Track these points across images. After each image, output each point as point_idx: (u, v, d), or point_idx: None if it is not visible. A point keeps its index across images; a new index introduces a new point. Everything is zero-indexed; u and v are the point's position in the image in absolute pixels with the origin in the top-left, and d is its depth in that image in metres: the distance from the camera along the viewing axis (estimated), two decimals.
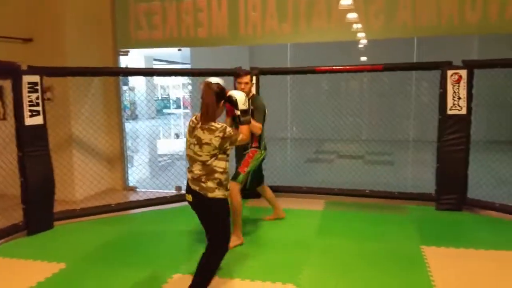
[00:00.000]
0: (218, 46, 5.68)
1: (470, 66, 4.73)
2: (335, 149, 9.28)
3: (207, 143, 2.70)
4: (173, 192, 5.89)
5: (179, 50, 5.95)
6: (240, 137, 2.88)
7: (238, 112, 2.95)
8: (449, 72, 4.74)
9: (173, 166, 7.61)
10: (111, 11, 5.90)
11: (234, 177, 3.97)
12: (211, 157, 2.72)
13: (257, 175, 4.39)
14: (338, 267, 3.45)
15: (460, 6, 4.81)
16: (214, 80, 2.85)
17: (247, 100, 2.99)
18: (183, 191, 5.95)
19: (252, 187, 4.43)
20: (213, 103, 2.75)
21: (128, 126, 7.66)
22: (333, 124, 6.85)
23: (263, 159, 4.25)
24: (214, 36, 5.56)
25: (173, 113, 22.54)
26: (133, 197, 5.74)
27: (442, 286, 3.08)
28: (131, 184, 6.32)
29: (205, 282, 2.81)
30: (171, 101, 27.18)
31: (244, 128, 2.95)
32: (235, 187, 3.90)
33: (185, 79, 14.10)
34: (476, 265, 3.42)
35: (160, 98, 25.57)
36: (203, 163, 2.73)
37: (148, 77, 15.89)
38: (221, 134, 2.70)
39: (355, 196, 5.38)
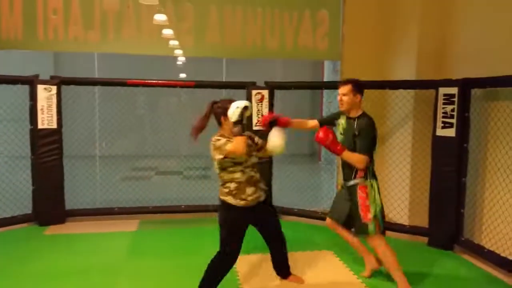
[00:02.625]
0: (7, 50, 4.92)
1: (271, 86, 5.26)
2: (155, 164, 9.07)
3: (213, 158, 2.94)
4: None
5: None
6: (228, 147, 2.82)
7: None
8: (253, 92, 5.17)
9: None
10: None
11: (364, 232, 3.24)
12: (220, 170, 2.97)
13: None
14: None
15: (262, 33, 5.32)
16: (240, 103, 2.84)
17: (242, 111, 2.82)
18: None
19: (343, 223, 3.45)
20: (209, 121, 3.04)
21: None
22: (152, 139, 6.67)
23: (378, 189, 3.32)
24: (5, 39, 4.80)
25: None
26: None
27: None
28: None
29: (205, 282, 2.99)
30: None
31: (236, 139, 2.82)
32: (374, 241, 3.27)
33: None
34: None
35: None
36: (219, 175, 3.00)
37: None
38: (212, 144, 2.90)
39: (171, 212, 5.31)
